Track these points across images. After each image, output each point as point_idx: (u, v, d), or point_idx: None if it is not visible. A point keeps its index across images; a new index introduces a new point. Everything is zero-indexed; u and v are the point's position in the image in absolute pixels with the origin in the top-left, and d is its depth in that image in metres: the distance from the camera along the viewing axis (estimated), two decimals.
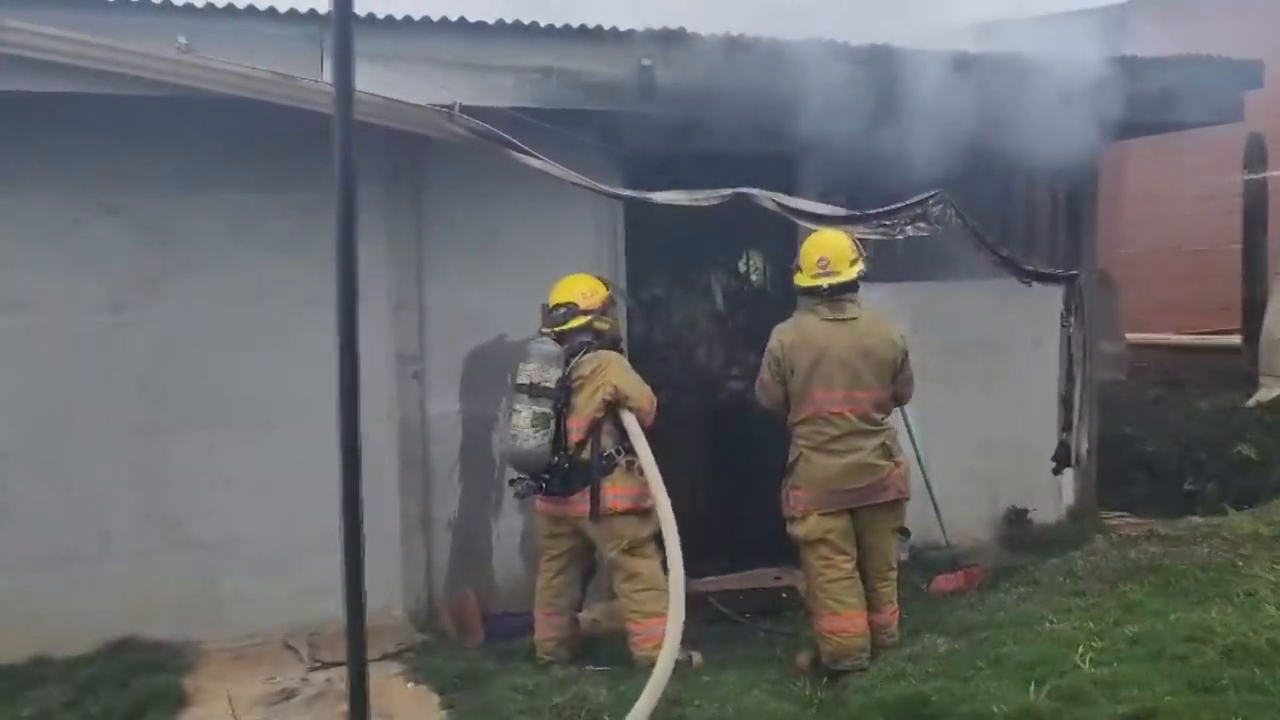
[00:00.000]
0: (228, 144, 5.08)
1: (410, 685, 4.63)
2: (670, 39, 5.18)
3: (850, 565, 4.64)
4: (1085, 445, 6.24)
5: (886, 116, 5.56)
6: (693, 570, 6.16)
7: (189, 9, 4.46)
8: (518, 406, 4.60)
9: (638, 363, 6.19)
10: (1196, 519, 5.93)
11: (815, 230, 5.26)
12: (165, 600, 5.18)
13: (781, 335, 4.67)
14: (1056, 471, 6.17)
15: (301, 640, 5.17)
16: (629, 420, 4.61)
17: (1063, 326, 6.09)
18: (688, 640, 5.13)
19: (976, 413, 6.86)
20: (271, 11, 4.54)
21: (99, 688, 4.52)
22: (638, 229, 5.98)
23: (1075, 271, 6.09)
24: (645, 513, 4.65)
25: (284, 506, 5.35)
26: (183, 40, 4.39)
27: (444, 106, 4.74)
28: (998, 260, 5.86)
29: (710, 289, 6.58)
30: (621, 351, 5.23)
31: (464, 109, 4.81)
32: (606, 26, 5.05)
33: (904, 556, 6.30)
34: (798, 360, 4.58)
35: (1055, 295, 6.90)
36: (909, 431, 6.55)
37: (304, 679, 4.73)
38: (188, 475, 5.22)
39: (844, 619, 4.60)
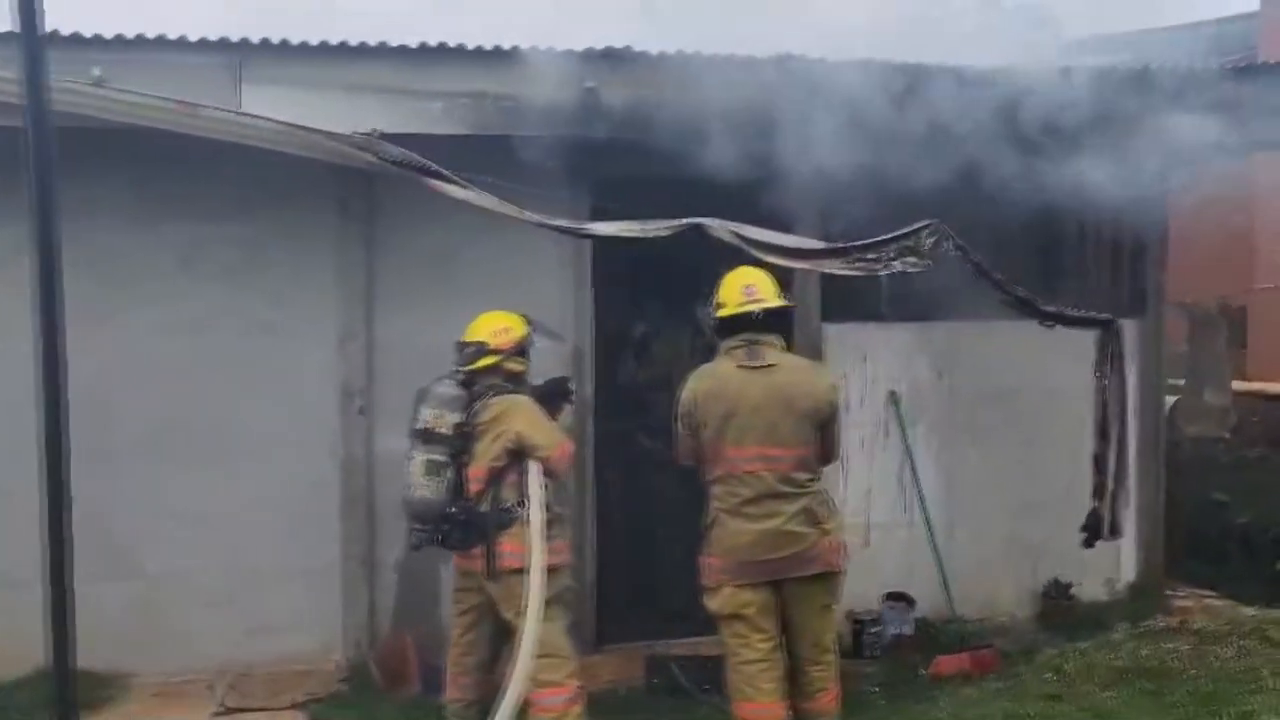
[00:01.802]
0: (176, 175, 5.05)
1: None
2: (615, 59, 4.81)
3: (768, 646, 4.08)
4: (1125, 516, 5.36)
5: (890, 138, 5.03)
6: (669, 630, 5.80)
7: (99, 41, 4.44)
8: (413, 453, 4.31)
9: (621, 407, 5.87)
10: (1251, 611, 4.98)
11: (785, 266, 4.79)
12: (105, 630, 5.09)
13: (694, 383, 4.18)
14: (1087, 544, 5.30)
15: (226, 681, 5.06)
16: (532, 470, 4.24)
17: (1095, 376, 5.26)
18: (620, 709, 4.77)
19: (1014, 471, 6.09)
20: (182, 40, 4.47)
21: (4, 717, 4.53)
22: (612, 256, 5.60)
23: (1108, 315, 5.24)
24: (546, 573, 4.26)
25: (230, 540, 5.27)
26: (96, 72, 4.37)
27: (364, 134, 4.55)
28: (1010, 300, 5.13)
29: (700, 320, 6.08)
30: (569, 395, 4.86)
31: (391, 136, 4.61)
32: (543, 48, 4.72)
33: (907, 630, 5.67)
34: (709, 412, 4.08)
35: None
36: (916, 485, 5.91)
37: None
38: (133, 505, 5.19)
39: (759, 706, 4.03)
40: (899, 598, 5.72)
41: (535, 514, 4.13)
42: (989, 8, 5.81)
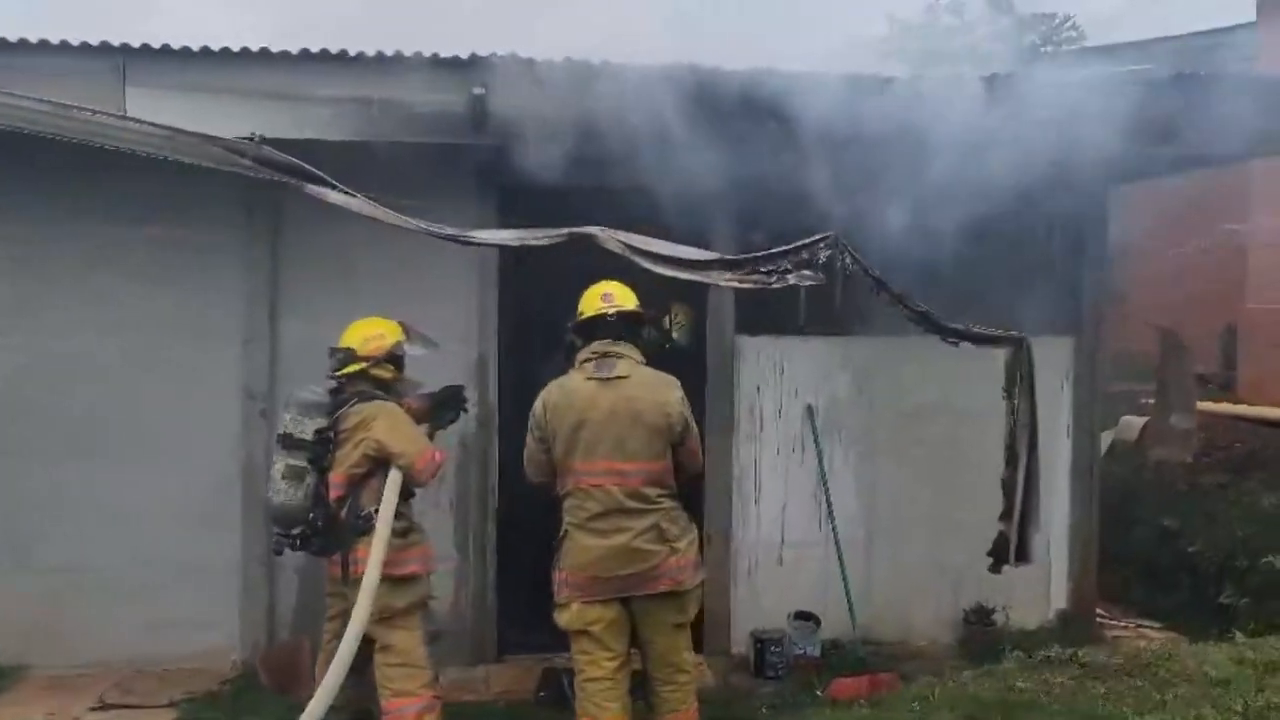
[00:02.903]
0: (88, 176, 5.12)
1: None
2: (502, 66, 4.76)
3: (614, 664, 4.01)
4: (1035, 541, 5.17)
5: (799, 148, 4.95)
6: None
7: None
8: (275, 458, 4.32)
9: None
10: (1152, 645, 4.78)
11: (677, 277, 4.74)
12: (7, 623, 5.26)
13: (545, 395, 4.13)
14: (993, 569, 5.14)
15: (116, 676, 5.14)
16: (391, 477, 4.22)
17: (1004, 397, 5.09)
18: None
19: (936, 490, 5.92)
20: (64, 44, 4.55)
21: None
22: (527, 267, 5.58)
23: (1017, 333, 5.07)
24: (402, 580, 4.25)
25: (133, 537, 5.35)
26: None
27: (244, 138, 4.58)
28: (911, 316, 4.99)
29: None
30: (463, 404, 4.82)
31: (275, 142, 4.63)
32: (426, 54, 4.71)
33: (813, 651, 5.54)
34: (558, 424, 4.03)
35: (1043, 353, 5.90)
36: (827, 502, 5.77)
37: (77, 718, 4.67)
38: (39, 500, 5.30)
39: None
40: (807, 617, 5.60)
41: (383, 520, 4.12)
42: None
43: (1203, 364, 9.83)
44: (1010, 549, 5.10)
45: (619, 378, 4.02)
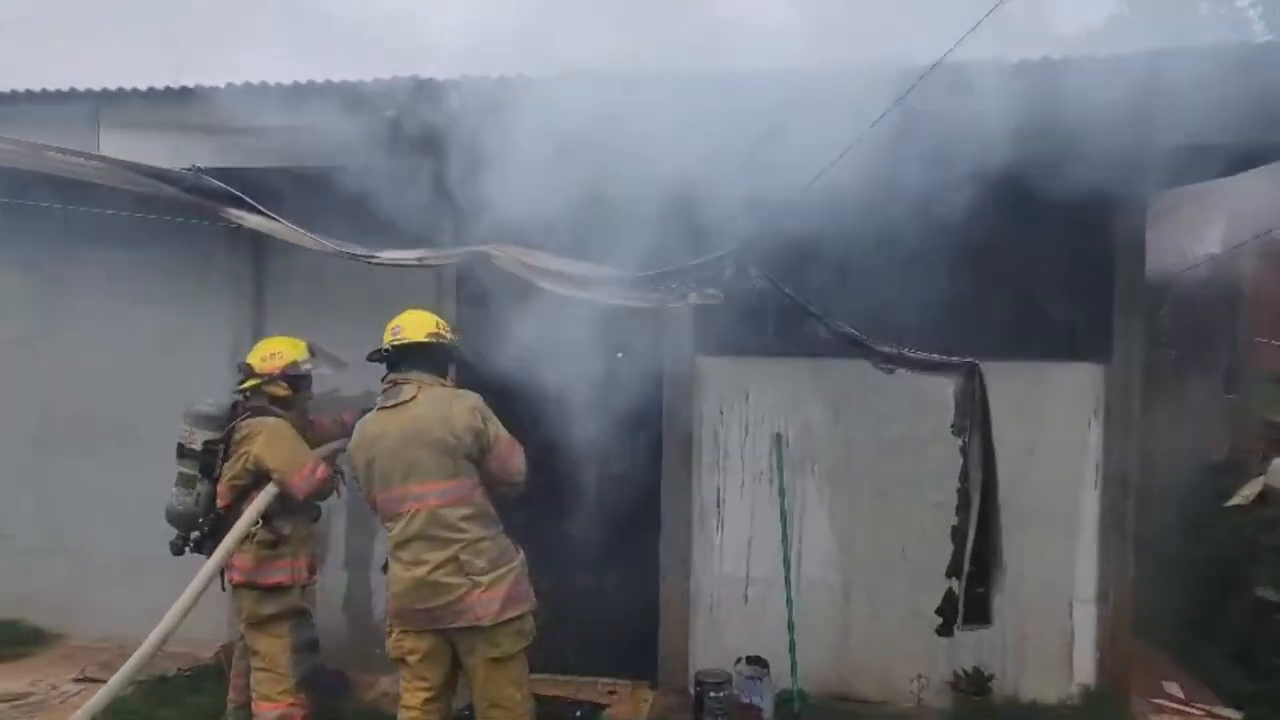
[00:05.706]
0: (100, 205, 5.71)
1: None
2: (419, 89, 4.78)
3: (425, 696, 3.93)
4: (996, 602, 4.45)
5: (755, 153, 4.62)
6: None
7: None
8: (176, 466, 4.64)
9: None
10: None
11: (573, 296, 4.61)
12: (45, 595, 6.05)
13: (352, 437, 4.14)
14: (942, 631, 4.49)
15: (115, 652, 5.72)
16: (265, 490, 4.41)
17: (953, 432, 4.43)
18: None
19: (925, 532, 5.20)
20: (45, 93, 5.12)
21: None
22: (479, 281, 5.58)
23: (969, 359, 4.38)
24: (269, 590, 4.43)
25: (141, 525, 5.88)
26: None
27: (186, 169, 4.96)
28: (834, 337, 4.49)
29: None
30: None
31: (226, 171, 4.98)
32: (337, 80, 4.84)
33: (758, 699, 5.12)
34: (357, 460, 4.02)
35: (1049, 381, 5.12)
36: (784, 537, 5.25)
37: (54, 687, 5.26)
38: (66, 488, 6.05)
39: None
40: (759, 662, 5.16)
41: (239, 525, 4.30)
42: None
43: None
44: (959, 609, 4.45)
45: (404, 402, 3.95)
